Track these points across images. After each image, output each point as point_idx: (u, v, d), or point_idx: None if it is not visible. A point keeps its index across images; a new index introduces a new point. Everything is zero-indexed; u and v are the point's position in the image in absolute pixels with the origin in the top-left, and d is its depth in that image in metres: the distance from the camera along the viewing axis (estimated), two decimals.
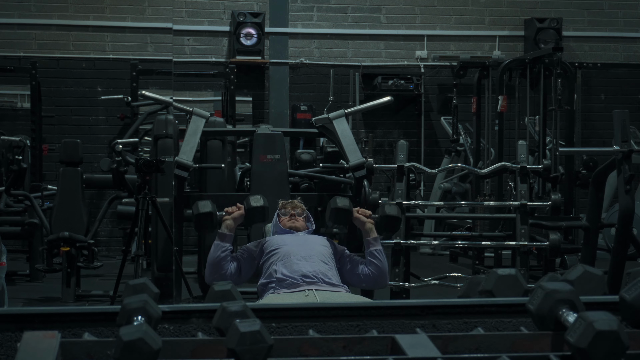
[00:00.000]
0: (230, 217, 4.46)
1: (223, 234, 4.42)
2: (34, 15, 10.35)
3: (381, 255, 4.41)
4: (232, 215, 4.47)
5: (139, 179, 6.17)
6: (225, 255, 4.36)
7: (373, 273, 4.39)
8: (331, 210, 4.55)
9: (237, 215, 4.49)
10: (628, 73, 11.13)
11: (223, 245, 4.38)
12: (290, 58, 10.74)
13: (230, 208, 4.53)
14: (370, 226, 4.48)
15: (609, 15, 11.21)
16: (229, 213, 4.48)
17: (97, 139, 10.24)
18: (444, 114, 10.65)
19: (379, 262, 4.40)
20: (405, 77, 10.73)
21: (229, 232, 4.42)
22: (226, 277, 4.33)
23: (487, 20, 11.10)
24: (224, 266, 4.36)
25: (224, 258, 4.36)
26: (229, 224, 4.44)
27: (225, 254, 4.37)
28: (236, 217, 4.48)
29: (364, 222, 4.49)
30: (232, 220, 4.45)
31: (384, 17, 10.95)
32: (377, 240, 4.45)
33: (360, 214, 4.52)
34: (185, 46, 10.55)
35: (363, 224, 4.49)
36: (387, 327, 1.83)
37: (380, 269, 4.41)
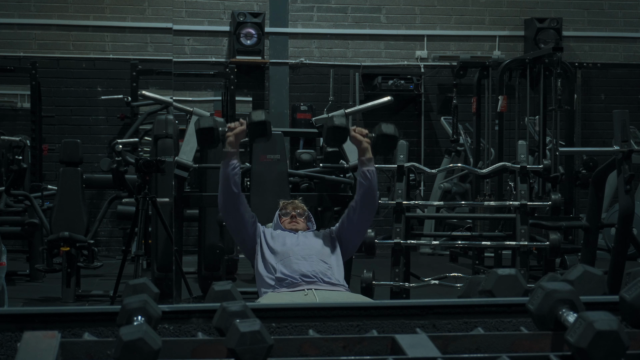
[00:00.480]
0: (233, 133, 4.44)
1: (228, 152, 4.41)
2: (34, 15, 10.35)
3: (372, 175, 4.37)
4: (235, 131, 4.43)
5: (139, 179, 6.17)
6: (235, 173, 4.34)
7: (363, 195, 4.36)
8: (328, 128, 4.50)
9: (239, 130, 4.44)
10: (628, 73, 11.13)
11: (231, 162, 4.37)
12: (290, 58, 10.74)
13: (232, 124, 4.50)
14: (367, 145, 4.44)
15: (609, 15, 11.22)
16: (232, 129, 4.46)
17: (97, 139, 10.24)
18: (444, 114, 10.65)
19: (369, 182, 4.37)
20: (405, 77, 10.73)
21: (232, 149, 4.41)
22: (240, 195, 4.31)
23: (487, 20, 11.10)
24: (236, 185, 4.33)
25: (234, 176, 4.34)
26: (231, 140, 4.42)
27: (235, 171, 4.35)
28: (238, 133, 4.45)
29: (360, 140, 4.45)
30: (234, 137, 4.43)
31: (384, 17, 10.95)
32: (370, 161, 4.41)
33: (356, 132, 4.49)
34: (185, 46, 10.55)
35: (360, 143, 4.45)
36: (387, 327, 1.83)
37: (371, 188, 4.37)
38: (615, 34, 11.20)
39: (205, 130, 4.63)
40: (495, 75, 8.90)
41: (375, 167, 6.31)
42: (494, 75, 9.03)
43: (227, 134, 4.45)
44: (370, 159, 4.43)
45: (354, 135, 4.48)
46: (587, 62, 10.84)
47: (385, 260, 6.41)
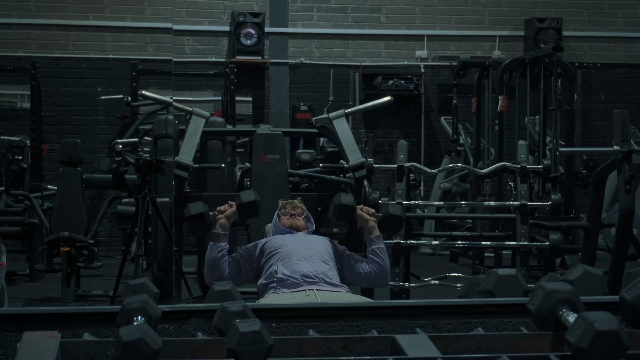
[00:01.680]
0: (223, 216, 4.46)
1: (217, 234, 4.41)
2: (34, 15, 10.35)
3: (383, 254, 4.41)
4: (225, 214, 4.46)
5: (139, 179, 6.16)
6: (222, 256, 4.36)
7: (374, 271, 4.39)
8: (335, 206, 4.56)
9: (230, 213, 4.48)
10: (628, 73, 11.13)
11: (218, 245, 4.38)
12: (290, 58, 10.74)
13: (222, 207, 4.52)
14: (373, 224, 4.49)
15: (609, 15, 11.21)
16: (222, 212, 4.48)
17: (97, 139, 10.24)
18: (444, 114, 10.65)
19: (381, 260, 4.40)
20: (405, 77, 10.73)
21: (223, 232, 4.41)
22: (225, 277, 4.33)
23: (487, 20, 11.10)
24: (222, 266, 4.36)
25: (221, 258, 4.36)
26: (223, 222, 4.44)
27: (222, 254, 4.36)
28: (229, 215, 4.48)
29: (367, 219, 4.50)
30: (225, 219, 4.45)
31: (384, 17, 10.95)
32: (379, 239, 4.45)
33: (363, 211, 4.52)
34: (185, 46, 10.55)
35: (366, 222, 4.49)
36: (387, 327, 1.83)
37: (382, 267, 4.41)
38: (615, 34, 11.20)
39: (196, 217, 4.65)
40: (495, 75, 8.90)
41: (376, 166, 6.33)
42: (494, 75, 9.02)
43: (218, 217, 4.47)
44: (379, 236, 4.47)
45: (361, 214, 4.52)
46: (587, 62, 10.83)
47: None
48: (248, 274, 4.41)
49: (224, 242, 4.39)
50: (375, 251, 4.41)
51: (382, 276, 4.43)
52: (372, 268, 4.40)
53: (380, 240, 4.45)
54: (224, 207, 4.51)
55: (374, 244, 4.43)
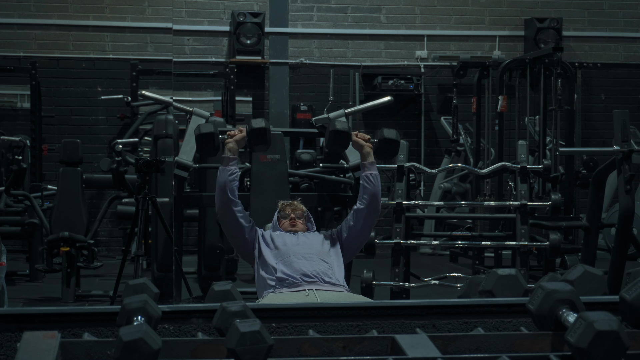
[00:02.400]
0: (233, 140, 4.45)
1: (227, 158, 4.41)
2: (34, 15, 10.35)
3: (375, 180, 4.42)
4: (235, 138, 4.45)
5: (139, 179, 6.16)
6: (233, 179, 4.35)
7: (366, 199, 4.39)
8: (330, 132, 4.54)
9: (240, 137, 4.46)
10: (628, 73, 11.13)
11: (228, 169, 4.37)
12: (290, 58, 10.74)
13: (232, 131, 4.52)
14: (369, 150, 4.49)
15: (609, 15, 11.21)
16: (232, 136, 4.47)
17: (97, 139, 10.24)
18: (444, 114, 10.65)
19: (373, 185, 4.41)
20: (405, 77, 10.73)
21: (232, 155, 4.41)
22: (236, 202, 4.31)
23: (487, 20, 11.10)
24: (233, 189, 4.34)
25: (232, 181, 4.35)
26: (232, 146, 4.43)
27: (232, 177, 4.36)
28: (238, 140, 4.46)
29: (362, 145, 4.49)
30: (234, 143, 4.44)
31: (384, 17, 10.95)
32: (373, 165, 4.46)
33: (359, 137, 4.52)
34: (185, 46, 10.55)
35: (361, 147, 4.50)
36: (387, 327, 1.83)
37: (374, 192, 4.41)
38: (615, 34, 11.20)
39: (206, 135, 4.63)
40: (495, 75, 8.90)
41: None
42: (494, 75, 9.03)
43: (227, 140, 4.46)
44: (373, 162, 4.47)
45: (356, 140, 4.51)
46: (587, 62, 10.83)
47: (385, 260, 6.41)
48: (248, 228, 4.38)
49: (234, 166, 4.38)
50: (368, 176, 4.42)
51: (374, 201, 4.42)
52: (364, 197, 4.40)
53: (374, 166, 4.47)
54: (234, 131, 4.51)
55: (367, 169, 4.44)
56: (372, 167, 4.46)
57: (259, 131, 4.50)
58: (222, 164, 4.43)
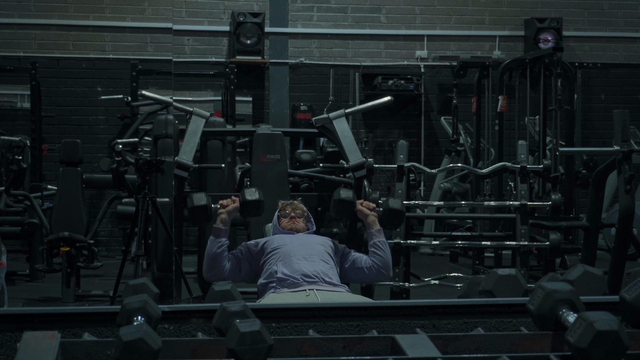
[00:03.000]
0: (225, 211, 4.45)
1: (218, 229, 4.40)
2: (34, 15, 10.34)
3: (385, 247, 4.42)
4: (227, 209, 4.46)
5: (139, 179, 6.16)
6: (222, 251, 4.35)
7: (377, 264, 4.39)
8: (334, 201, 4.55)
9: (232, 208, 4.47)
10: (628, 73, 11.13)
11: (219, 240, 4.37)
12: (290, 58, 10.74)
13: (224, 201, 4.52)
14: (374, 218, 4.49)
15: (609, 15, 11.21)
16: (224, 206, 4.48)
17: (97, 139, 10.24)
18: (444, 114, 10.65)
19: (383, 253, 4.40)
20: (405, 77, 10.73)
21: (224, 227, 4.41)
22: (224, 273, 4.32)
23: (487, 20, 11.10)
24: (222, 262, 4.35)
25: (221, 254, 4.35)
26: (224, 217, 4.43)
27: (222, 249, 4.35)
28: (231, 211, 4.47)
29: (367, 214, 4.50)
30: (226, 214, 4.44)
31: (384, 17, 10.95)
32: (380, 232, 4.46)
33: (363, 206, 4.52)
34: (185, 46, 10.55)
35: (366, 217, 4.49)
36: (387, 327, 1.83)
37: (385, 260, 4.41)
38: (615, 34, 11.20)
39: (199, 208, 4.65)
40: (495, 75, 8.90)
41: (376, 166, 6.33)
42: (494, 75, 9.02)
43: (220, 211, 4.46)
44: (380, 230, 4.47)
45: (361, 209, 4.52)
46: (587, 62, 10.83)
47: None
48: (247, 272, 4.41)
49: (224, 238, 4.39)
50: (377, 244, 4.41)
51: (385, 269, 4.43)
52: (374, 262, 4.40)
53: (381, 233, 4.46)
54: (226, 201, 4.51)
55: (375, 237, 4.43)
56: (379, 234, 4.46)
57: (252, 203, 4.50)
58: (212, 234, 4.42)
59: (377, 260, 4.40)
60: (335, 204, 4.56)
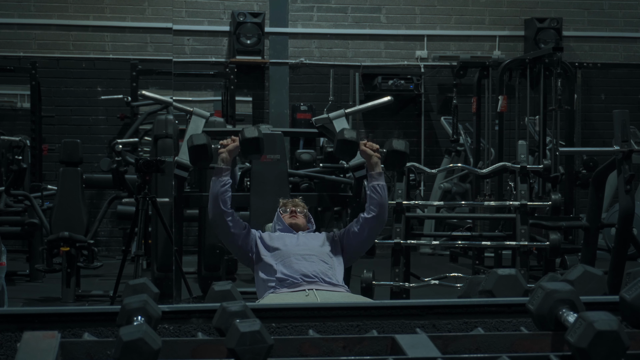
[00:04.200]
0: (226, 150, 4.44)
1: (220, 168, 4.40)
2: (34, 15, 10.35)
3: (382, 190, 4.40)
4: (227, 148, 4.44)
5: (139, 179, 6.16)
6: (225, 190, 4.34)
7: (373, 209, 4.37)
8: (338, 141, 4.54)
9: (232, 147, 4.45)
10: (628, 73, 11.13)
11: (221, 179, 4.36)
12: (290, 58, 10.74)
13: (225, 140, 4.50)
14: (377, 160, 4.47)
15: (609, 15, 11.21)
16: (224, 146, 4.46)
17: (97, 139, 10.24)
18: (444, 114, 10.65)
19: (380, 196, 4.39)
20: (405, 77, 10.73)
21: (225, 166, 4.40)
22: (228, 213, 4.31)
23: (487, 20, 11.10)
24: (226, 201, 4.33)
25: (225, 192, 4.34)
26: (225, 157, 4.42)
27: (225, 187, 4.35)
28: (231, 150, 4.45)
29: (370, 155, 4.48)
30: (227, 153, 4.43)
31: (384, 17, 10.95)
32: (380, 175, 4.44)
33: (367, 147, 4.50)
34: (185, 46, 10.55)
35: (369, 157, 4.48)
36: (387, 327, 1.83)
37: (381, 203, 4.39)
38: (615, 34, 11.20)
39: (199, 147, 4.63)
40: (495, 75, 8.90)
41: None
42: (494, 75, 9.03)
43: (220, 151, 4.45)
44: (380, 173, 4.45)
45: (364, 149, 4.49)
46: (587, 62, 10.84)
47: (385, 260, 6.41)
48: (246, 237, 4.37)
49: (227, 176, 4.37)
50: (375, 187, 4.40)
51: (382, 212, 4.40)
52: (371, 208, 4.38)
53: (382, 177, 4.45)
54: (226, 141, 4.49)
55: (374, 180, 4.42)
56: (379, 177, 4.43)
57: (251, 141, 4.49)
58: (214, 174, 4.42)
59: (374, 205, 4.38)
60: (339, 144, 4.53)
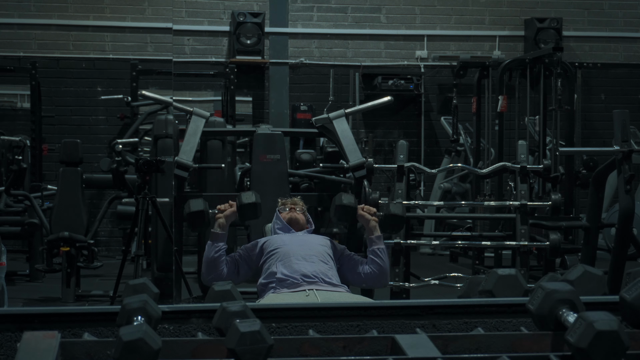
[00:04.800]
0: (223, 215, 4.44)
1: (216, 234, 4.40)
2: (34, 15, 10.35)
3: (383, 255, 4.40)
4: (225, 213, 4.45)
5: (139, 179, 6.16)
6: (220, 256, 4.34)
7: (374, 272, 4.38)
8: (336, 207, 4.55)
9: (229, 213, 4.47)
10: (628, 73, 11.13)
11: (216, 245, 4.36)
12: (290, 58, 10.74)
13: (222, 205, 4.51)
14: (375, 224, 4.47)
15: (609, 15, 11.21)
16: (221, 211, 4.47)
17: (97, 139, 10.24)
18: (444, 114, 10.65)
19: (381, 261, 4.39)
20: (405, 77, 10.73)
21: (221, 231, 4.40)
22: (222, 278, 4.32)
23: (487, 20, 11.10)
24: (220, 266, 4.34)
25: (219, 258, 4.34)
26: (222, 222, 4.42)
27: (219, 254, 4.35)
28: (228, 215, 4.46)
29: (368, 219, 4.48)
30: (224, 219, 4.44)
31: (384, 17, 10.95)
32: (380, 239, 4.43)
33: (364, 211, 4.51)
34: (185, 46, 10.55)
35: (367, 222, 4.48)
36: (387, 327, 1.83)
37: (382, 268, 4.39)
38: (615, 34, 11.20)
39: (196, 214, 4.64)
40: (495, 75, 8.90)
41: (376, 166, 6.32)
42: (494, 75, 9.02)
43: (217, 216, 4.45)
44: (380, 237, 4.45)
45: (362, 214, 4.50)
46: (587, 62, 10.84)
47: None
48: (246, 274, 4.40)
49: (222, 242, 4.38)
50: (376, 252, 4.40)
51: (382, 277, 4.42)
52: (372, 269, 4.38)
53: (381, 240, 4.44)
54: (223, 206, 4.50)
55: (374, 244, 4.41)
56: (379, 241, 4.43)
57: (249, 206, 4.50)
58: (210, 238, 4.41)
59: (374, 268, 4.38)
60: (337, 209, 4.55)
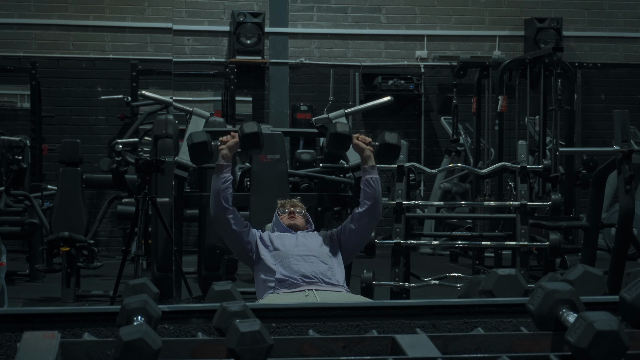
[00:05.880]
0: (226, 146, 4.44)
1: (220, 165, 4.39)
2: (34, 15, 10.35)
3: (377, 184, 4.40)
4: (227, 144, 4.44)
5: (139, 179, 6.17)
6: (226, 187, 4.34)
7: (368, 203, 4.37)
8: (331, 135, 4.53)
9: (232, 143, 4.45)
10: (628, 73, 11.13)
11: (222, 176, 4.36)
12: (290, 58, 10.74)
13: (224, 137, 4.50)
14: (369, 153, 4.46)
15: (609, 15, 11.21)
16: (224, 142, 4.46)
17: (97, 139, 10.24)
18: (444, 114, 10.65)
19: (374, 190, 4.38)
20: (405, 77, 10.73)
21: (226, 162, 4.39)
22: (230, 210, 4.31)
23: (487, 20, 11.10)
24: (227, 197, 4.33)
25: (226, 189, 4.34)
26: (225, 153, 4.42)
27: (226, 184, 4.34)
28: (231, 146, 4.45)
29: (363, 148, 4.47)
30: (227, 149, 4.43)
31: (384, 17, 10.95)
32: (374, 169, 4.44)
33: (360, 140, 4.50)
34: (185, 46, 10.55)
35: (362, 151, 4.47)
36: (387, 327, 1.83)
37: (375, 197, 4.39)
38: (615, 34, 11.20)
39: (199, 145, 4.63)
40: (495, 75, 8.89)
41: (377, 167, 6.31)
42: (494, 75, 9.02)
43: (220, 147, 4.45)
44: (373, 166, 4.45)
45: (357, 143, 4.49)
46: (587, 62, 10.84)
47: (385, 260, 6.41)
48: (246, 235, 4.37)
49: (228, 173, 4.37)
50: (369, 181, 4.40)
51: (377, 206, 4.40)
52: (365, 202, 4.38)
53: (375, 170, 4.44)
54: (226, 137, 4.49)
55: (368, 173, 4.41)
56: (372, 171, 4.43)
57: (251, 136, 4.48)
58: (215, 171, 4.42)
59: (368, 198, 4.37)
60: (331, 137, 4.52)
